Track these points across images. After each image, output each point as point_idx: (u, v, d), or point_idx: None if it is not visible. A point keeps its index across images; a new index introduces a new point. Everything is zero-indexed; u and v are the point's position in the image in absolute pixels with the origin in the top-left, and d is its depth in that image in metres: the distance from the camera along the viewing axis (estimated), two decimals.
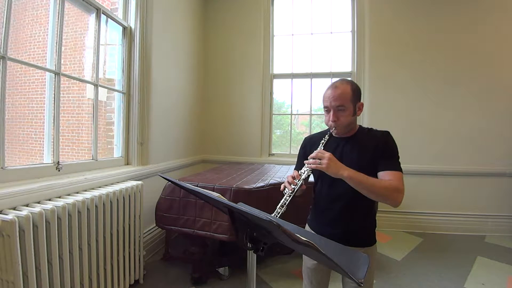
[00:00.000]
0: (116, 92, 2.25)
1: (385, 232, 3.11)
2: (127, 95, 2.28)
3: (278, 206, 0.99)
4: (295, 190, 1.01)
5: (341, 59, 3.48)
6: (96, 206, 1.53)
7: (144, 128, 2.35)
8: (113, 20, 2.12)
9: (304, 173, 1.04)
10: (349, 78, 2.39)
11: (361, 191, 0.99)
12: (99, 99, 1.98)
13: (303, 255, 1.18)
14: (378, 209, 1.22)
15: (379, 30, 3.25)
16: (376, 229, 1.18)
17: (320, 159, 1.01)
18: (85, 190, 1.65)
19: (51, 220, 1.25)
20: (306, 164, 1.05)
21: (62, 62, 1.67)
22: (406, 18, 3.19)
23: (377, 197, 1.01)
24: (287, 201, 1.00)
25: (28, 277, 1.15)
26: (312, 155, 1.04)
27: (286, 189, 1.03)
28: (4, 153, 1.33)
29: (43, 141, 1.66)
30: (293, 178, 1.05)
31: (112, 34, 2.22)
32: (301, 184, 1.02)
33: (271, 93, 3.60)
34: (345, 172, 0.98)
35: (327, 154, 1.01)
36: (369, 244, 1.13)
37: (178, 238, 2.61)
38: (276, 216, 0.96)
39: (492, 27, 3.04)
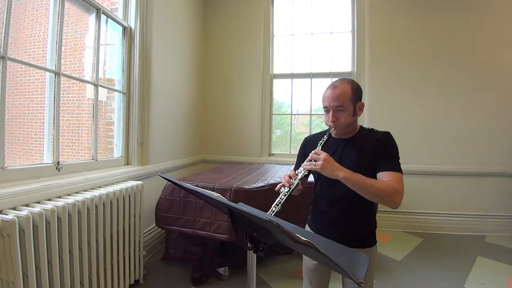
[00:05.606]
0: (116, 92, 2.25)
1: (385, 232, 3.11)
2: (127, 95, 2.28)
3: (273, 205, 0.98)
4: (291, 189, 1.00)
5: (341, 59, 3.47)
6: (96, 206, 1.53)
7: (144, 128, 2.35)
8: (113, 20, 2.12)
9: (300, 173, 1.03)
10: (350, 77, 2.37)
11: (358, 192, 0.97)
12: (99, 99, 1.98)
13: (303, 255, 1.17)
14: (378, 209, 1.21)
15: (379, 30, 3.24)
16: (376, 229, 1.17)
17: (315, 160, 0.99)
18: (85, 190, 1.65)
19: (51, 220, 1.25)
20: (302, 165, 1.04)
21: (62, 62, 1.66)
22: (406, 18, 3.19)
23: (374, 198, 0.99)
24: (282, 200, 0.98)
25: (28, 277, 1.15)
26: (309, 157, 1.03)
27: (282, 188, 1.02)
28: (4, 153, 1.33)
29: (43, 141, 1.66)
30: (290, 177, 1.03)
31: (112, 34, 2.22)
32: (297, 184, 1.01)
33: (271, 93, 3.60)
34: (341, 173, 0.96)
35: (323, 155, 0.99)
36: (370, 245, 1.12)
37: (178, 238, 2.61)
38: (271, 214, 0.95)
39: (493, 26, 3.04)
